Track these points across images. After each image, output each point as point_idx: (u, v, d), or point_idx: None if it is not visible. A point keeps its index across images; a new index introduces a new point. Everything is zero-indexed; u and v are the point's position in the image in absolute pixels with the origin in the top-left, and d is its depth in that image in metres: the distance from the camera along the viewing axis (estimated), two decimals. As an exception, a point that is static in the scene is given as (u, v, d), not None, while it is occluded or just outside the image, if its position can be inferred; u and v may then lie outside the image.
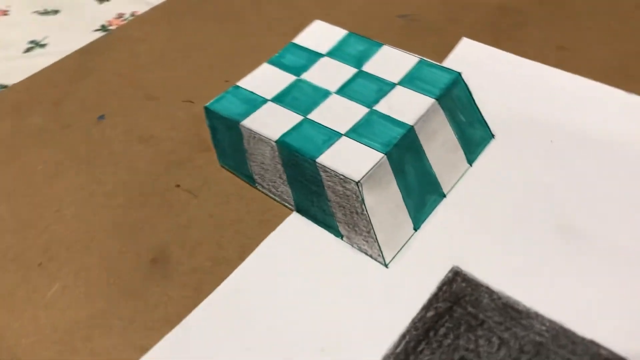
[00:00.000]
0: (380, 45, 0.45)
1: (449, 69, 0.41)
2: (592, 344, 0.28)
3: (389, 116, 0.39)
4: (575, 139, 0.38)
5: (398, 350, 0.28)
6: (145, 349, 0.29)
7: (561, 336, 0.28)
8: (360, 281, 0.31)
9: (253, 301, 0.31)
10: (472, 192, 0.36)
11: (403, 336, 0.29)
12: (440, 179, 0.37)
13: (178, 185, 0.37)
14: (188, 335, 0.29)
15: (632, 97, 0.41)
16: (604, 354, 0.28)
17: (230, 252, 0.33)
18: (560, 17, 0.47)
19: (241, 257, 0.33)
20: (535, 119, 0.40)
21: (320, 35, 0.47)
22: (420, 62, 0.43)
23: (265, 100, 0.41)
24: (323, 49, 0.45)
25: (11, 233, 0.34)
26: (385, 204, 0.35)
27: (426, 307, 0.30)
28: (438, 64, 0.42)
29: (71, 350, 0.29)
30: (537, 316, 0.29)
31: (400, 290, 0.31)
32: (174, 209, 0.35)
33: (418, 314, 0.30)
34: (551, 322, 0.29)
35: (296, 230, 0.35)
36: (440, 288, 0.31)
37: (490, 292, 0.30)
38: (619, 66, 0.42)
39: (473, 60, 0.44)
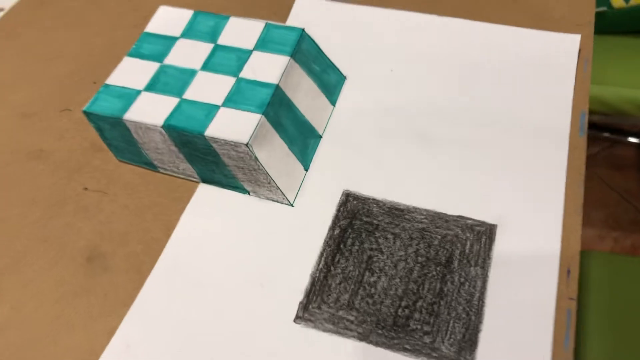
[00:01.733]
0: (227, 17, 0.49)
1: (293, 27, 0.47)
2: (460, 217, 0.37)
3: (255, 80, 0.44)
4: (408, 63, 0.46)
5: (320, 266, 0.35)
6: (110, 334, 0.33)
7: (437, 219, 0.37)
8: (275, 223, 0.37)
9: (191, 266, 0.36)
10: (341, 127, 0.43)
11: (321, 254, 0.35)
12: (313, 124, 0.43)
13: (86, 188, 0.40)
14: (145, 309, 0.34)
15: (443, 19, 0.49)
16: (469, 222, 0.36)
17: (156, 233, 0.37)
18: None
19: (167, 234, 0.37)
20: (374, 55, 0.47)
21: (169, 19, 0.50)
22: (267, 25, 0.48)
23: (138, 92, 0.45)
24: (176, 32, 0.49)
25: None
26: (275, 155, 0.40)
27: (332, 228, 0.37)
28: (282, 24, 0.48)
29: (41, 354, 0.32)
30: (415, 210, 0.37)
31: (309, 221, 0.37)
32: (90, 210, 0.38)
33: (327, 234, 0.36)
34: (427, 210, 0.37)
35: (207, 198, 0.39)
36: (338, 210, 0.37)
37: (376, 202, 0.38)
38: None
39: (311, 15, 0.50)
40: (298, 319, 0.33)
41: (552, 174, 0.38)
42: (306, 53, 0.46)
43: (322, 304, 0.33)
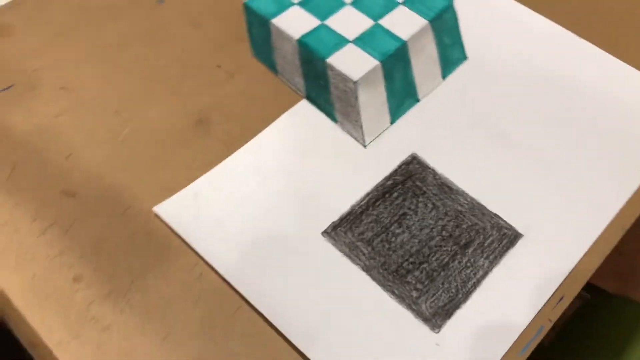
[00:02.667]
0: None
1: (446, 4, 0.51)
2: (496, 215, 0.41)
3: (389, 30, 0.50)
4: (527, 68, 0.49)
5: (362, 202, 0.41)
6: (190, 181, 0.42)
7: (475, 208, 0.41)
8: (344, 155, 0.44)
9: (265, 161, 0.43)
10: (439, 101, 0.47)
11: (367, 194, 0.42)
12: (418, 87, 0.48)
13: (219, 66, 0.48)
14: (220, 177, 0.43)
15: (583, 43, 0.51)
16: (501, 223, 0.41)
17: (255, 120, 0.45)
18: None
19: (262, 127, 0.45)
20: (505, 50, 0.50)
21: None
22: None
23: (292, 4, 0.52)
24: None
25: (95, 86, 0.46)
26: (373, 100, 0.46)
27: (387, 178, 0.43)
28: None
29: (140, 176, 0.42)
30: (463, 193, 0.42)
31: (372, 163, 0.43)
32: (216, 85, 0.47)
33: (381, 181, 0.42)
34: (472, 198, 0.42)
35: (303, 112, 0.46)
36: (399, 166, 0.43)
37: (434, 173, 0.43)
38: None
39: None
40: (325, 233, 0.40)
41: (602, 208, 0.41)
42: (444, 23, 0.50)
43: (348, 231, 0.40)
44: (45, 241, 0.39)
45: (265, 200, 0.41)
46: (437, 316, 0.37)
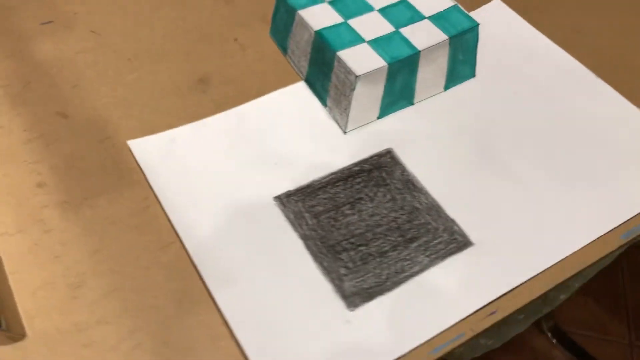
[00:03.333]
0: None
1: (471, 18, 0.51)
2: (452, 221, 0.40)
3: (407, 39, 0.51)
4: (531, 91, 0.48)
5: (323, 180, 0.42)
6: (171, 127, 0.44)
7: (434, 209, 0.40)
8: (323, 135, 0.45)
9: (251, 124, 0.45)
10: (432, 107, 0.47)
11: (331, 174, 0.42)
12: (416, 92, 0.48)
13: (236, 39, 0.51)
14: (201, 130, 0.45)
15: (601, 84, 0.49)
16: (455, 229, 0.40)
17: (251, 89, 0.47)
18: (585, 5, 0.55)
19: (257, 95, 0.47)
20: (513, 74, 0.49)
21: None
22: (454, 7, 0.53)
23: (323, 1, 0.54)
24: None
25: (119, 35, 0.50)
26: (367, 95, 0.47)
27: (356, 164, 0.43)
28: (466, 12, 0.52)
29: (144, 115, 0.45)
30: (425, 193, 0.41)
31: (346, 149, 0.44)
32: (227, 54, 0.50)
33: (349, 165, 0.43)
34: (433, 199, 0.41)
35: (298, 92, 0.48)
36: (372, 156, 0.43)
37: (403, 170, 0.43)
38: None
39: (496, 18, 0.54)
40: (277, 198, 0.41)
41: (562, 241, 0.39)
42: (464, 42, 0.51)
43: (300, 201, 0.40)
44: (28, 149, 0.42)
45: (234, 162, 0.43)
46: (356, 296, 0.36)
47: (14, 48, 0.49)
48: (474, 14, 0.53)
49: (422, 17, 0.53)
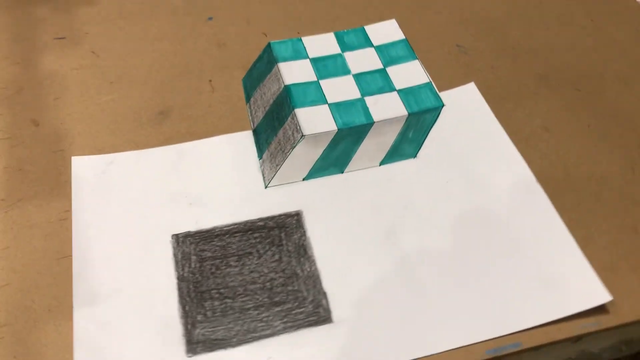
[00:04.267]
0: (414, 58, 0.56)
1: (439, 98, 0.52)
2: (324, 295, 0.41)
3: (367, 107, 0.52)
4: (463, 198, 0.47)
5: (225, 228, 0.44)
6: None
7: (311, 279, 0.42)
8: (246, 185, 0.47)
9: (184, 162, 0.49)
10: (359, 180, 0.48)
11: (234, 224, 0.45)
12: (351, 162, 0.49)
13: (210, 80, 0.55)
14: (138, 160, 0.49)
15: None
16: (322, 303, 0.41)
17: (203, 130, 0.51)
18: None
19: (205, 135, 0.50)
20: (456, 167, 0.49)
21: (386, 32, 0.60)
22: (427, 84, 0.54)
23: (306, 57, 0.57)
24: (377, 42, 0.58)
25: (110, 59, 0.56)
26: (305, 155, 0.49)
27: (261, 219, 0.45)
28: (436, 90, 0.52)
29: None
30: (312, 261, 0.43)
31: (259, 202, 0.46)
32: (196, 92, 0.54)
33: (253, 219, 0.45)
34: (315, 269, 0.42)
35: (242, 140, 0.50)
36: (280, 214, 0.45)
37: (302, 234, 0.44)
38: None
39: (464, 102, 0.53)
40: (174, 237, 0.44)
41: (421, 341, 0.39)
42: (420, 122, 0.52)
43: (194, 244, 0.43)
44: (-5, 147, 0.49)
45: (154, 194, 0.46)
46: (200, 344, 0.38)
47: (25, 56, 0.57)
48: (444, 94, 0.54)
49: (392, 89, 0.54)
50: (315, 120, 0.52)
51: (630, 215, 0.46)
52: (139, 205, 0.45)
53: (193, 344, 0.38)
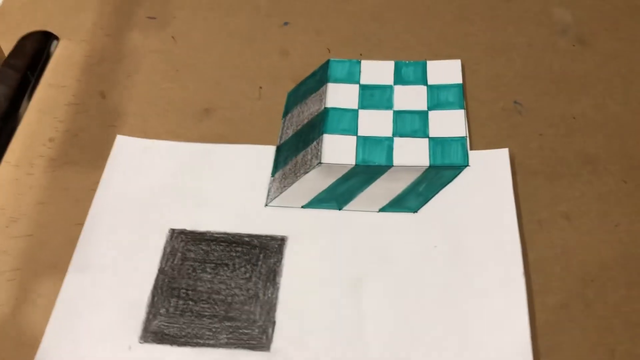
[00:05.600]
0: (461, 107, 0.56)
1: (466, 157, 0.51)
2: (273, 324, 0.44)
3: (392, 149, 0.53)
4: (446, 269, 0.47)
5: (215, 235, 0.49)
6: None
7: (268, 305, 0.45)
8: (249, 198, 0.51)
9: (208, 161, 0.53)
10: (351, 222, 0.49)
11: (226, 233, 0.49)
12: (353, 201, 0.51)
13: (261, 87, 0.59)
14: (177, 150, 0.54)
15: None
16: (268, 331, 0.44)
17: (235, 135, 0.55)
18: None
19: (234, 141, 0.54)
20: (452, 236, 0.48)
21: (446, 71, 0.59)
22: (461, 139, 0.54)
23: (357, 82, 0.59)
24: (432, 80, 0.58)
25: (183, 48, 0.62)
26: (313, 183, 0.52)
27: (250, 235, 0.49)
28: (468, 148, 0.52)
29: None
30: (276, 289, 0.46)
31: (255, 217, 0.49)
32: (243, 97, 0.58)
33: (244, 233, 0.49)
34: (276, 297, 0.45)
35: (263, 154, 0.53)
36: (267, 235, 0.48)
37: (278, 260, 0.47)
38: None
39: (491, 168, 0.52)
40: (170, 231, 0.49)
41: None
42: (437, 177, 0.52)
43: (184, 242, 0.48)
44: (65, 108, 0.57)
45: (170, 187, 0.51)
46: (153, 334, 0.44)
47: (117, 30, 0.64)
48: (474, 154, 0.53)
49: (425, 135, 0.54)
50: (338, 150, 0.54)
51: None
52: (154, 194, 0.51)
53: (148, 333, 0.44)
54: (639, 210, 0.49)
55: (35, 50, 0.61)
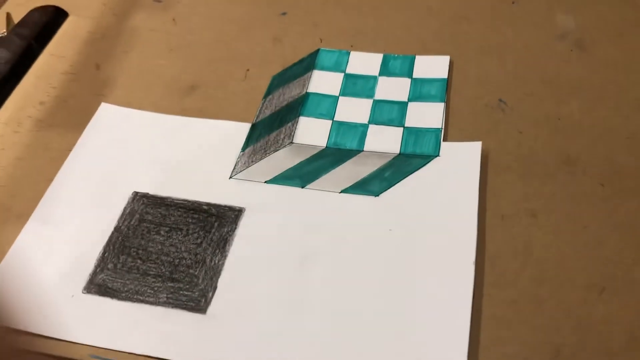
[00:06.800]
0: (442, 100, 0.55)
1: (438, 148, 0.51)
2: (214, 289, 0.44)
3: (365, 135, 0.53)
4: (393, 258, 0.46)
5: (175, 201, 0.49)
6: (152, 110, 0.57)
7: (212, 271, 0.45)
8: (214, 169, 0.51)
9: (182, 133, 0.54)
10: (311, 200, 0.48)
11: (186, 200, 0.49)
12: (317, 181, 0.50)
13: (248, 70, 0.60)
14: (155, 120, 0.56)
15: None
16: (208, 295, 0.44)
17: (215, 110, 0.56)
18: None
19: (213, 116, 0.55)
20: (408, 222, 0.47)
21: (433, 66, 0.59)
22: (436, 130, 0.53)
23: (343, 71, 0.59)
24: (417, 74, 0.58)
25: (180, 28, 0.64)
26: (281, 161, 0.52)
27: (208, 204, 0.49)
28: (441, 140, 0.51)
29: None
30: (224, 256, 0.46)
31: (217, 188, 0.49)
32: (229, 77, 0.59)
33: (203, 201, 0.49)
34: (221, 265, 0.45)
35: (238, 130, 0.54)
36: (226, 205, 0.49)
37: (232, 231, 0.47)
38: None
39: (461, 159, 0.50)
40: (134, 194, 0.50)
41: None
42: (404, 164, 0.51)
43: (144, 205, 0.49)
44: (62, 77, 0.60)
45: (142, 154, 0.52)
46: (96, 286, 0.44)
47: (123, 10, 0.67)
48: (447, 145, 0.52)
49: (400, 124, 0.54)
50: (311, 132, 0.54)
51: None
52: (125, 158, 0.52)
53: (92, 284, 0.45)
54: (612, 214, 0.46)
55: (44, 22, 0.64)
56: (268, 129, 0.54)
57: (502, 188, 0.49)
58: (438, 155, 0.51)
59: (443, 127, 0.52)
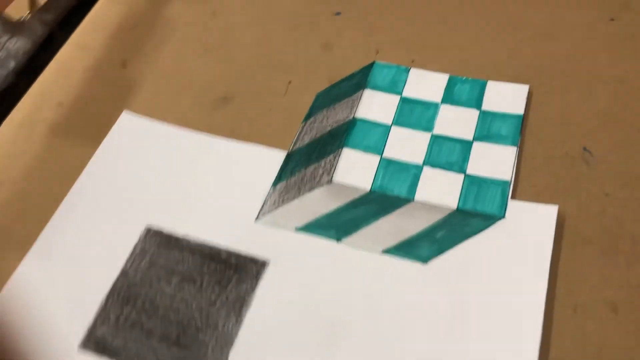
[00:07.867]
0: (514, 144, 0.46)
1: (503, 208, 0.42)
2: (205, 348, 0.38)
3: (418, 180, 0.45)
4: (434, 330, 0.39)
5: (192, 244, 0.43)
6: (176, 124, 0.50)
7: (224, 338, 0.39)
8: (241, 208, 0.44)
9: (209, 156, 0.47)
10: (349, 258, 0.42)
11: (204, 245, 0.43)
12: (356, 234, 0.43)
13: (290, 82, 0.52)
14: (179, 138, 0.49)
15: None
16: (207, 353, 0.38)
17: (248, 129, 0.49)
18: None
19: (245, 137, 0.48)
20: (463, 298, 0.40)
21: (508, 97, 0.49)
22: (504, 183, 0.45)
23: (399, 93, 0.51)
24: (488, 106, 0.49)
25: (217, 24, 0.56)
26: (316, 203, 0.45)
27: (227, 252, 0.42)
28: (509, 195, 0.43)
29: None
30: (239, 323, 0.40)
31: (240, 232, 0.42)
32: (268, 91, 0.51)
33: (222, 248, 0.43)
34: (235, 333, 0.39)
35: (271, 159, 0.47)
36: (248, 256, 0.42)
37: (252, 287, 0.41)
38: None
39: (531, 225, 0.42)
40: (147, 229, 0.44)
41: None
42: (462, 224, 0.44)
43: (156, 244, 0.43)
44: (84, 76, 0.54)
45: (159, 179, 0.46)
46: (94, 343, 0.39)
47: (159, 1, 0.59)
48: (516, 204, 0.43)
49: (461, 170, 0.46)
50: (355, 170, 0.46)
51: None
52: (142, 184, 0.46)
53: (90, 340, 0.39)
54: None
55: (71, 6, 0.57)
56: (305, 161, 0.47)
57: (577, 268, 0.40)
58: (503, 217, 0.42)
59: (512, 180, 0.44)
